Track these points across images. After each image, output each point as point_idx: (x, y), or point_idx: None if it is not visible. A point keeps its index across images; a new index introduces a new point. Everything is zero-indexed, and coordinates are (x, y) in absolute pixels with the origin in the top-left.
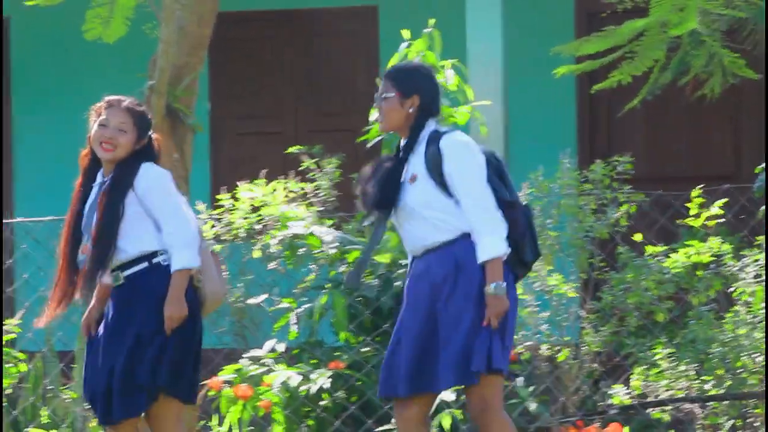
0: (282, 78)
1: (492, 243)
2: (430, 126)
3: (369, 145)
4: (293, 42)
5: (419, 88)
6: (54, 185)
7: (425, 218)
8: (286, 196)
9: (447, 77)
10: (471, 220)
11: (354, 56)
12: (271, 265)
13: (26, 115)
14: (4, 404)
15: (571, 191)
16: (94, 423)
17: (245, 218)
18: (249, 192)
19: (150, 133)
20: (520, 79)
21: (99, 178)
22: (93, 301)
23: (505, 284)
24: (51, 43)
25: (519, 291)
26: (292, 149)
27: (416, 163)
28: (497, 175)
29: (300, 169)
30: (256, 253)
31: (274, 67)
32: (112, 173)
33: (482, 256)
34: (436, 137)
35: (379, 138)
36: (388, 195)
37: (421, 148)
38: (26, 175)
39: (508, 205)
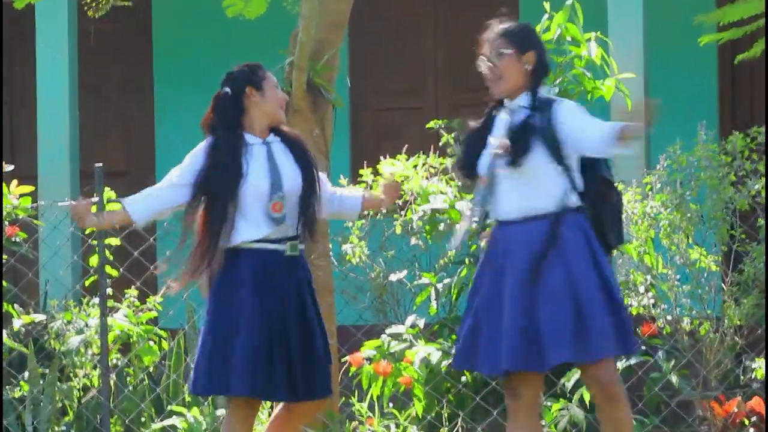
0: (422, 52)
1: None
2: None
3: None
4: (433, 16)
5: (535, 44)
6: None
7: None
8: (427, 171)
9: (590, 50)
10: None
11: None
12: (413, 241)
13: (168, 91)
14: (145, 381)
15: (708, 163)
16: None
17: None
18: (391, 167)
19: None
20: (661, 51)
21: (254, 138)
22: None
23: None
24: (193, 20)
25: (659, 264)
26: (432, 123)
27: None
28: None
29: (441, 144)
30: (398, 229)
31: (414, 42)
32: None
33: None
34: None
35: None
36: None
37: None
38: (168, 150)
39: (608, 184)
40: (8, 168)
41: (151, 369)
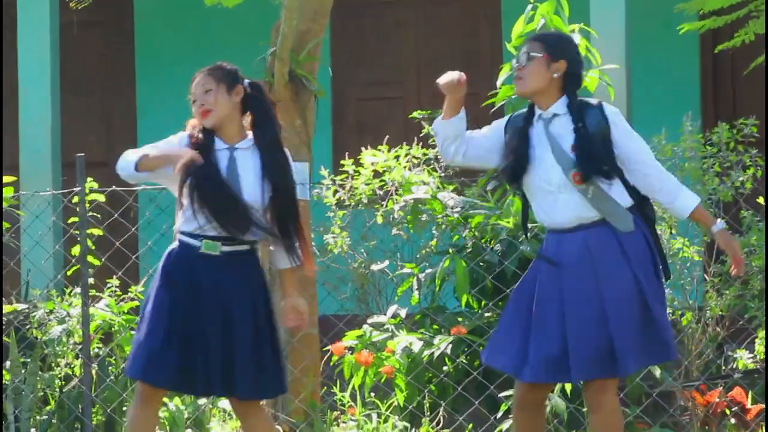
0: (404, 42)
1: (690, 193)
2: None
3: (493, 110)
4: (415, 6)
5: (567, 54)
6: None
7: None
8: (410, 161)
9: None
10: (663, 178)
11: (476, 20)
12: (394, 231)
13: (150, 82)
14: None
15: (693, 154)
16: None
17: (368, 184)
18: (372, 157)
19: (245, 81)
20: (643, 42)
21: (221, 144)
22: None
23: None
24: (174, 11)
25: None
26: (414, 114)
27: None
28: None
29: (422, 134)
30: (379, 219)
31: (396, 32)
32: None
33: (691, 205)
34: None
35: (503, 103)
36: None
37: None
38: (150, 141)
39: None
40: None
41: None
